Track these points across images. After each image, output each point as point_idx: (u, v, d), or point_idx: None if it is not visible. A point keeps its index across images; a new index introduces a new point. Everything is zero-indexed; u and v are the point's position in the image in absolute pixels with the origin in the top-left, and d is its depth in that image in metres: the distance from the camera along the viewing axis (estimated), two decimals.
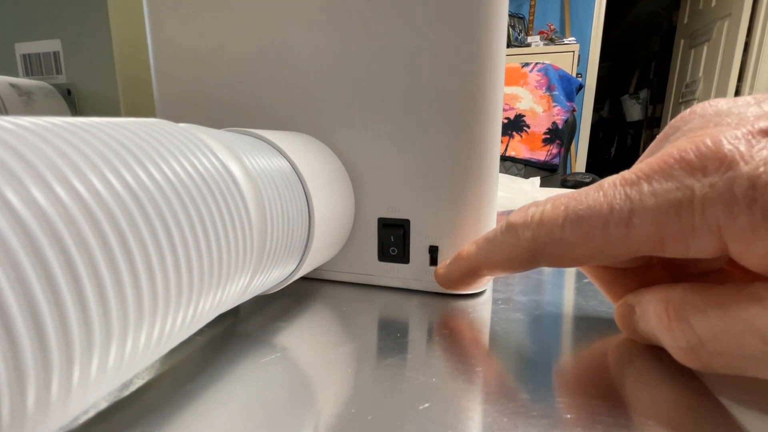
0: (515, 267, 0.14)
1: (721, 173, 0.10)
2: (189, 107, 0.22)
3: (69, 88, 0.39)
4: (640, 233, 0.11)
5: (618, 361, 0.14)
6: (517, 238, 0.14)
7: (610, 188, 0.12)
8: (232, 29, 0.20)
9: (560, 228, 0.12)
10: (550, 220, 0.13)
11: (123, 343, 0.08)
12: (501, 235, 0.15)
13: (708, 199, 0.10)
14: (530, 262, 0.14)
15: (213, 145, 0.12)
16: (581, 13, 2.24)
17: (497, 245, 0.15)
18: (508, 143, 1.33)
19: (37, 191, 0.07)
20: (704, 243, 0.10)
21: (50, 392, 0.07)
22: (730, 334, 0.10)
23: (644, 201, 0.11)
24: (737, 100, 0.12)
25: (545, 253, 0.13)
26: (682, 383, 0.13)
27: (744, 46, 1.87)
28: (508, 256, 0.14)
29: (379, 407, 0.12)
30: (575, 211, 0.12)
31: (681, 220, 0.10)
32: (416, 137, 0.19)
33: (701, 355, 0.11)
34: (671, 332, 0.12)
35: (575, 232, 0.12)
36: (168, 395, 0.12)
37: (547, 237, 0.13)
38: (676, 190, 0.10)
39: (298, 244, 0.16)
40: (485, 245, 0.15)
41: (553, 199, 0.13)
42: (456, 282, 0.17)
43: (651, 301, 0.13)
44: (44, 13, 0.38)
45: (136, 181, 0.09)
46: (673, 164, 0.11)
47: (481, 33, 0.17)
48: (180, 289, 0.09)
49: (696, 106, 0.13)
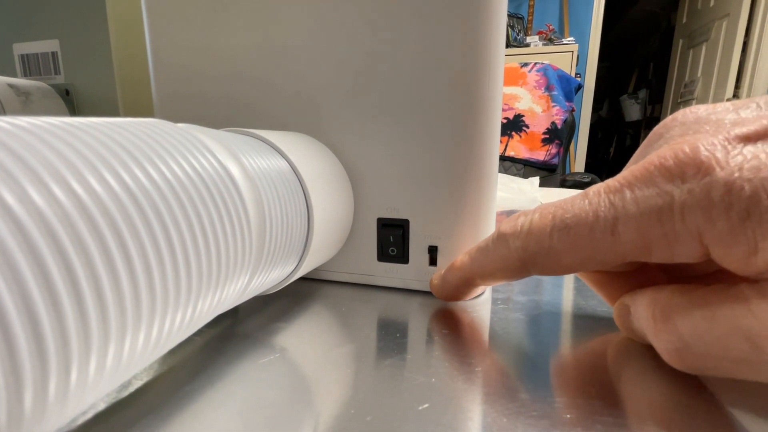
0: (507, 276, 0.15)
1: (699, 179, 0.10)
2: (188, 106, 0.22)
3: (67, 89, 0.39)
4: (625, 240, 0.11)
5: (617, 361, 0.14)
6: (508, 248, 0.14)
7: (595, 196, 0.12)
8: (230, 28, 0.20)
9: (548, 237, 0.13)
10: (539, 229, 0.13)
11: (121, 344, 0.08)
12: (492, 245, 0.15)
13: (687, 204, 0.10)
14: (522, 272, 0.14)
15: (211, 145, 0.12)
16: (580, 13, 2.25)
17: (489, 255, 0.15)
18: (508, 143, 1.33)
19: (34, 192, 0.07)
20: (687, 248, 0.11)
21: (47, 394, 0.07)
22: (714, 335, 0.10)
23: (627, 208, 0.11)
24: (716, 106, 0.12)
25: (535, 262, 0.13)
26: (681, 383, 0.13)
27: (742, 46, 1.87)
28: (500, 265, 0.14)
29: (379, 408, 0.12)
30: (562, 220, 0.12)
31: (663, 226, 0.11)
32: (415, 137, 0.19)
33: (687, 357, 0.11)
34: (657, 334, 0.12)
35: (563, 240, 0.12)
36: (167, 396, 0.12)
37: (536, 246, 0.13)
38: (656, 196, 0.11)
39: (297, 245, 0.16)
40: (478, 255, 0.16)
41: (541, 208, 0.13)
42: (451, 292, 0.18)
43: (642, 302, 0.13)
44: (42, 13, 0.38)
45: (134, 182, 0.09)
46: (653, 171, 0.11)
47: (480, 33, 0.17)
48: (178, 290, 0.09)
49: (677, 113, 0.13)
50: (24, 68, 0.40)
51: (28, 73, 0.40)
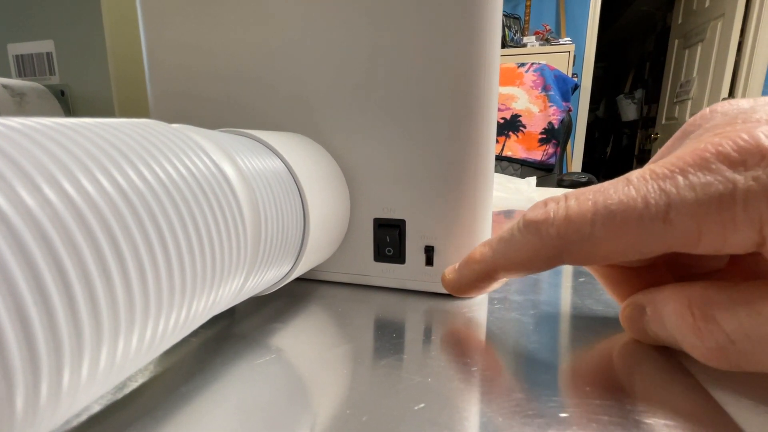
0: (536, 267, 0.14)
1: (764, 167, 0.10)
2: (183, 106, 0.22)
3: (62, 89, 0.39)
4: (677, 228, 0.11)
5: (614, 360, 0.14)
6: (539, 236, 0.13)
7: (640, 182, 0.11)
8: (227, 27, 0.20)
9: (590, 224, 0.12)
10: (578, 215, 0.12)
11: (114, 346, 0.08)
12: (520, 234, 0.14)
13: (751, 192, 0.10)
14: (553, 261, 0.13)
15: (206, 145, 0.12)
16: (576, 13, 2.25)
17: (515, 245, 0.14)
18: (505, 143, 1.33)
19: (26, 193, 0.07)
20: (743, 237, 0.10)
21: (39, 396, 0.07)
22: (762, 331, 0.10)
23: (683, 194, 0.11)
24: (758, 100, 0.12)
25: (571, 251, 0.12)
26: (678, 381, 0.13)
27: (737, 46, 1.88)
28: (530, 255, 0.13)
29: (375, 408, 0.12)
30: (606, 207, 0.12)
31: (722, 214, 0.10)
32: (411, 137, 0.19)
33: (730, 355, 0.11)
34: (697, 332, 0.11)
35: (606, 228, 0.12)
36: (162, 398, 0.12)
37: (575, 234, 0.12)
38: (717, 183, 0.10)
39: (292, 245, 0.16)
40: (501, 246, 0.15)
41: (576, 193, 0.13)
42: (468, 286, 0.16)
43: (667, 301, 0.12)
44: (37, 13, 0.38)
45: (127, 183, 0.09)
46: (709, 158, 0.11)
47: (476, 33, 0.17)
48: (172, 291, 0.09)
49: (716, 105, 0.12)
50: (19, 69, 0.40)
51: (23, 73, 0.40)
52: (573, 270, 0.23)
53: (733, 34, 1.87)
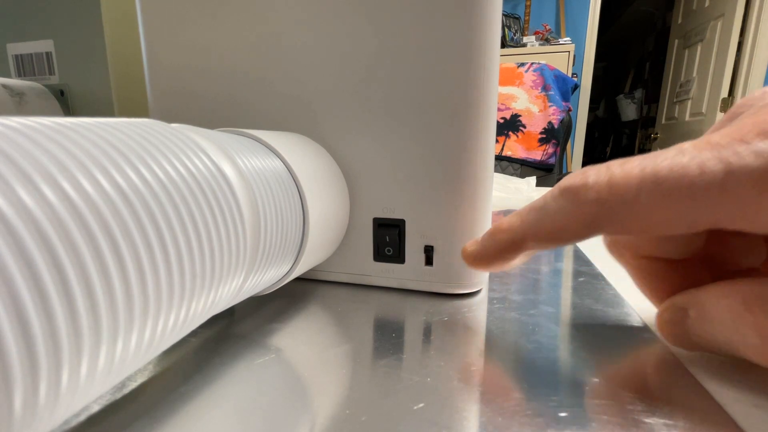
0: (569, 237, 0.13)
1: None
2: (183, 106, 0.22)
3: (62, 89, 0.39)
4: (734, 197, 0.10)
5: (614, 360, 0.14)
6: (576, 202, 0.12)
7: (695, 150, 0.11)
8: (226, 27, 0.20)
9: (636, 189, 0.11)
10: (622, 180, 0.11)
11: (113, 346, 0.08)
12: (554, 201, 0.13)
13: None
14: (589, 229, 0.12)
15: (205, 145, 0.12)
16: (576, 13, 2.25)
17: (548, 213, 0.13)
18: (505, 143, 1.33)
19: (24, 193, 0.07)
20: None
21: (38, 397, 0.07)
22: None
23: (745, 161, 0.10)
24: None
25: (612, 218, 0.12)
26: (678, 381, 0.13)
27: (737, 46, 1.88)
28: (563, 223, 0.13)
29: (374, 408, 0.12)
30: (655, 173, 0.11)
31: None
32: (411, 137, 0.19)
33: None
34: (759, 329, 0.11)
35: (654, 195, 0.11)
36: (161, 398, 0.12)
37: (616, 200, 0.11)
38: None
39: (292, 245, 0.16)
40: (532, 214, 0.14)
41: (619, 162, 0.12)
42: (492, 257, 0.15)
43: (716, 301, 0.12)
44: (36, 13, 0.38)
45: (126, 182, 0.09)
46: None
47: (476, 33, 0.17)
48: (171, 291, 0.09)
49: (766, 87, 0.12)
50: (18, 68, 0.40)
51: (23, 73, 0.40)
52: (573, 270, 0.23)
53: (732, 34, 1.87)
